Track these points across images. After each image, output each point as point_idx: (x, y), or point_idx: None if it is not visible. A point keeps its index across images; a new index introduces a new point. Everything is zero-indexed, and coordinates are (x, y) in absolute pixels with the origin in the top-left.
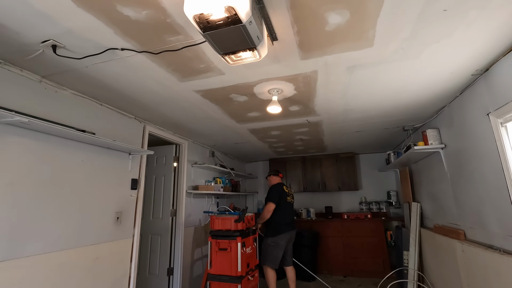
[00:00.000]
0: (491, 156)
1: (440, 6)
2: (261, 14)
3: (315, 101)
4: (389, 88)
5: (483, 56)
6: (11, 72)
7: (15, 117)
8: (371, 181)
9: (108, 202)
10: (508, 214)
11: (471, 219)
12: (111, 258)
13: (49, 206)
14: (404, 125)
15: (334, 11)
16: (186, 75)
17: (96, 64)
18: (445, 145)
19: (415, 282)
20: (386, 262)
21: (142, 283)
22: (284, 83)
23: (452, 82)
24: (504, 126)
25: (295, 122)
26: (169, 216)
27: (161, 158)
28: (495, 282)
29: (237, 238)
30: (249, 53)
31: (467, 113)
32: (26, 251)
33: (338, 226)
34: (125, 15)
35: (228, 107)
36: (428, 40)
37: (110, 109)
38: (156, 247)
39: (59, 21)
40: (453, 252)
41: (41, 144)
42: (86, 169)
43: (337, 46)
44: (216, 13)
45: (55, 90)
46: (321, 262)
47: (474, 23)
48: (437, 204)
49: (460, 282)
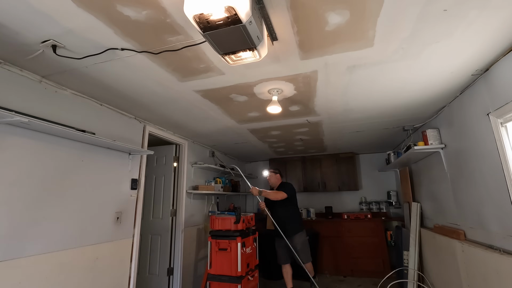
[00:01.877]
0: (491, 156)
1: (440, 6)
2: (261, 14)
3: (315, 101)
4: (389, 88)
5: (483, 56)
6: (11, 72)
7: (15, 117)
8: (371, 181)
9: (108, 202)
10: (508, 214)
11: (471, 219)
12: (111, 258)
13: (49, 206)
14: (404, 125)
15: (334, 11)
16: (186, 75)
17: (96, 64)
18: (445, 145)
19: (415, 282)
20: (386, 262)
21: (142, 283)
22: (284, 83)
23: (452, 82)
24: (504, 126)
25: (295, 122)
26: (169, 216)
27: (161, 158)
28: (495, 282)
29: (237, 238)
30: (249, 53)
31: (467, 113)
32: (26, 251)
33: (338, 226)
34: (125, 15)
35: (228, 107)
36: (428, 40)
37: (110, 109)
38: (156, 247)
39: (59, 21)
40: (453, 252)
41: (41, 144)
42: (86, 169)
43: (337, 46)
44: (216, 13)
45: (55, 90)
46: (321, 262)
47: (474, 23)
48: (437, 204)
49: (460, 282)
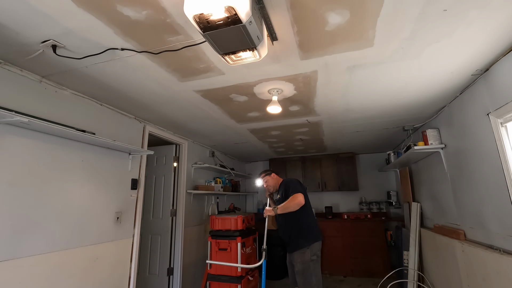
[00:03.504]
0: (491, 156)
1: (440, 6)
2: (261, 14)
3: (315, 101)
4: (389, 88)
5: (483, 56)
6: (11, 72)
7: (15, 117)
8: (371, 181)
9: (108, 202)
10: (508, 214)
11: (471, 219)
12: (111, 258)
13: (49, 206)
14: (404, 125)
15: (334, 11)
16: (186, 75)
17: (96, 64)
18: (445, 145)
19: (415, 282)
20: (386, 262)
21: (142, 283)
22: (284, 83)
23: (452, 82)
24: (504, 126)
25: (295, 122)
26: (169, 216)
27: (161, 158)
28: (495, 282)
29: (237, 238)
30: (249, 53)
31: (467, 113)
32: (26, 251)
33: (338, 226)
34: (125, 15)
35: (228, 107)
36: (428, 40)
37: (110, 109)
38: (156, 247)
39: (59, 21)
40: (453, 252)
41: (41, 144)
42: (86, 169)
43: (337, 46)
44: (216, 13)
45: (55, 90)
46: (321, 262)
47: (474, 23)
48: (437, 204)
49: (460, 282)
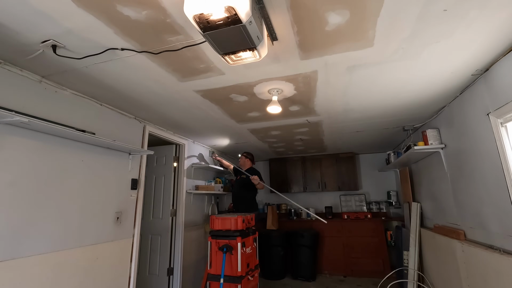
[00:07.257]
0: (491, 156)
1: (440, 6)
2: (261, 14)
3: (315, 101)
4: (389, 88)
5: (483, 56)
6: (11, 72)
7: (15, 117)
8: (371, 181)
9: (108, 202)
10: (508, 214)
11: (471, 219)
12: (111, 258)
13: (49, 206)
14: (404, 125)
15: (334, 11)
16: (186, 75)
17: (96, 64)
18: (445, 145)
19: (415, 282)
20: (386, 262)
21: (142, 283)
22: (284, 83)
23: (452, 82)
24: (504, 126)
25: (295, 122)
26: (169, 216)
27: (161, 158)
28: (495, 282)
29: (237, 238)
30: (249, 53)
31: (467, 113)
32: (26, 251)
33: (338, 226)
34: (125, 15)
35: (228, 107)
36: (428, 40)
37: (110, 109)
38: (156, 247)
39: (59, 21)
40: (453, 252)
41: (41, 144)
42: (86, 169)
43: (337, 46)
44: (216, 13)
45: (55, 90)
46: (321, 262)
47: (474, 23)
48: (437, 204)
49: (460, 282)
